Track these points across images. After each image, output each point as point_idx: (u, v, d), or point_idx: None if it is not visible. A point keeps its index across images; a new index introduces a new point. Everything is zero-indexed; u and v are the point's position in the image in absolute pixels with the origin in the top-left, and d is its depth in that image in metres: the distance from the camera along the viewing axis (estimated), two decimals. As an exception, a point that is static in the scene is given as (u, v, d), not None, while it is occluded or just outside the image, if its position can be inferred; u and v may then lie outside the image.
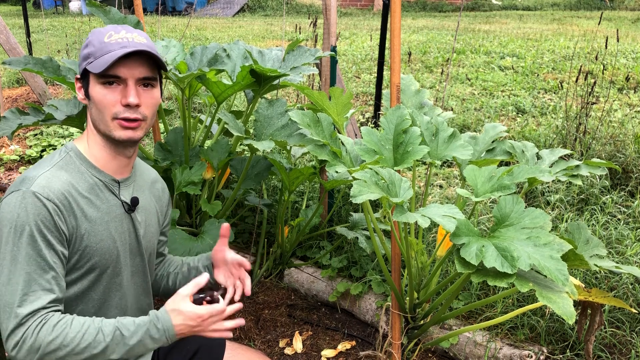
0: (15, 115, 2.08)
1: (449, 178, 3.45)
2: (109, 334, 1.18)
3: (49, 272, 1.18)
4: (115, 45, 1.24)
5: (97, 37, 1.27)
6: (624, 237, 2.53)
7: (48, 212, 1.18)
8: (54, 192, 1.20)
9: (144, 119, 1.30)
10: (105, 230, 1.29)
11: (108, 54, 1.23)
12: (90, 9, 2.07)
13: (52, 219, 1.19)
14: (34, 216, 1.17)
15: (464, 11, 14.77)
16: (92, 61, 1.25)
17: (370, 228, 1.93)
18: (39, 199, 1.18)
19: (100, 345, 1.17)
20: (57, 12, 15.49)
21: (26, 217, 1.16)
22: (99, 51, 1.25)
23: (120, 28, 1.30)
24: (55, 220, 1.19)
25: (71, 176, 1.26)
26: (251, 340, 2.29)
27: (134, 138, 1.29)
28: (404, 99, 2.16)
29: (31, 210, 1.17)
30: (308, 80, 4.19)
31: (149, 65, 1.28)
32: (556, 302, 1.36)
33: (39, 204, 1.18)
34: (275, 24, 11.78)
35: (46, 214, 1.18)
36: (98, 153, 1.32)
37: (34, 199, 1.17)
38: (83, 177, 1.28)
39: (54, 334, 1.15)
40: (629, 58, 6.71)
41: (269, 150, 1.97)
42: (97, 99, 1.26)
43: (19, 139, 4.71)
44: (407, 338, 2.00)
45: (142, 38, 1.29)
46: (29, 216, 1.16)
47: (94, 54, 1.25)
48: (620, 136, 3.46)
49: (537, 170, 1.68)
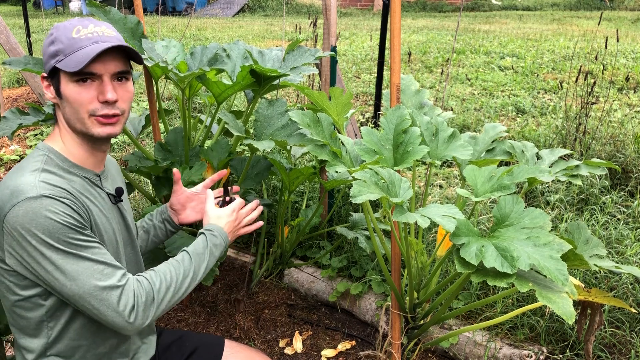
0: (15, 115, 2.08)
1: (449, 178, 3.45)
2: (189, 260, 1.32)
3: (101, 248, 1.20)
4: (86, 41, 1.21)
5: (64, 32, 1.22)
6: (624, 237, 2.53)
7: (68, 206, 1.16)
8: (61, 190, 1.18)
9: (122, 113, 1.28)
10: (106, 223, 1.30)
11: (80, 51, 1.20)
12: (90, 9, 2.08)
13: (75, 211, 1.17)
14: (56, 212, 1.13)
15: (463, 11, 14.77)
16: (62, 59, 1.20)
17: (370, 228, 1.94)
18: (51, 198, 1.14)
19: (190, 271, 1.30)
20: (57, 12, 15.49)
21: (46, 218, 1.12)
22: (69, 48, 1.20)
23: (87, 22, 1.25)
24: (77, 211, 1.18)
25: (60, 177, 1.22)
26: (251, 340, 2.29)
27: (113, 133, 1.28)
28: (404, 99, 2.16)
29: (50, 208, 1.13)
30: (308, 80, 4.19)
31: (122, 59, 1.26)
32: (556, 302, 1.36)
33: (57, 203, 1.14)
34: (275, 24, 11.78)
35: (67, 209, 1.15)
36: (76, 151, 1.28)
37: (49, 200, 1.14)
38: (71, 176, 1.25)
39: (154, 280, 1.23)
40: (628, 58, 6.71)
41: (269, 150, 1.97)
42: (72, 97, 1.22)
43: (19, 139, 4.71)
44: (407, 338, 2.00)
45: (111, 31, 1.26)
46: (51, 214, 1.13)
47: (64, 51, 1.20)
48: (620, 136, 3.47)
49: (536, 170, 1.68)
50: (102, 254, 1.19)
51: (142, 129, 2.49)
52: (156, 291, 1.22)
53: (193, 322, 2.37)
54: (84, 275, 1.14)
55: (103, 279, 1.16)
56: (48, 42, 1.23)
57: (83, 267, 1.15)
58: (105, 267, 1.17)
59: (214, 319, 2.40)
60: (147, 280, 1.23)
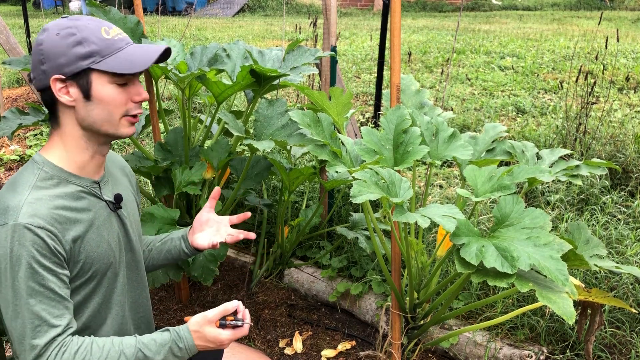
0: (15, 115, 2.08)
1: (449, 178, 3.45)
2: (132, 356, 1.17)
3: (56, 299, 1.14)
4: (120, 42, 1.21)
5: (92, 32, 1.18)
6: (624, 237, 2.53)
7: (42, 240, 1.12)
8: (44, 218, 1.14)
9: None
10: (98, 236, 1.26)
11: (125, 53, 1.20)
12: (90, 9, 2.07)
13: (48, 246, 1.13)
14: (29, 248, 1.11)
15: (464, 11, 14.77)
16: (100, 60, 1.18)
17: (370, 228, 1.93)
18: (30, 230, 1.11)
19: None
20: (57, 12, 15.49)
21: (20, 249, 1.10)
22: (106, 49, 1.19)
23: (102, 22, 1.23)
24: (50, 246, 1.14)
25: (53, 192, 1.19)
26: (251, 340, 2.29)
27: (134, 132, 1.31)
28: (404, 99, 2.16)
29: (25, 242, 1.11)
30: (308, 80, 4.19)
31: None
32: (556, 302, 1.36)
33: (31, 235, 1.11)
34: (275, 24, 11.78)
35: (41, 243, 1.12)
36: (77, 157, 1.25)
37: (25, 231, 1.11)
38: (65, 188, 1.21)
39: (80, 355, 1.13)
40: (629, 58, 6.71)
41: (269, 150, 1.97)
42: (109, 98, 1.21)
43: (19, 139, 4.71)
44: (407, 338, 2.00)
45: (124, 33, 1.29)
46: (23, 248, 1.10)
47: (100, 52, 1.18)
48: (620, 136, 3.46)
49: (537, 170, 1.67)
50: (51, 305, 1.14)
51: (142, 129, 2.48)
52: None
53: (193, 322, 2.37)
54: (21, 319, 1.11)
55: (33, 335, 1.12)
56: (72, 42, 1.17)
57: (25, 312, 1.11)
58: (42, 323, 1.12)
59: (214, 319, 2.40)
60: (71, 356, 1.13)
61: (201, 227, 1.53)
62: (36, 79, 1.21)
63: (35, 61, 1.20)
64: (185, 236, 1.54)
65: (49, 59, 1.17)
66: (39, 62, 1.19)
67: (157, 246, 1.57)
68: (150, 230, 2.04)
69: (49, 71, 1.18)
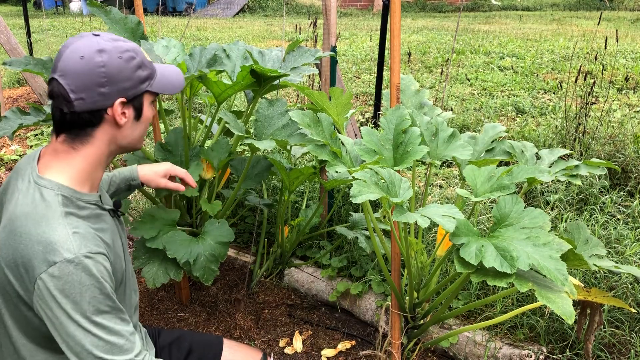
0: (16, 115, 2.08)
1: (449, 178, 3.46)
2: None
3: (125, 317, 1.17)
4: (154, 65, 1.31)
5: (143, 55, 1.25)
6: (623, 237, 2.53)
7: (103, 265, 1.13)
8: (93, 242, 1.14)
9: None
10: (116, 243, 1.28)
11: (164, 74, 1.30)
12: (91, 9, 2.08)
13: (107, 270, 1.14)
14: (97, 276, 1.11)
15: (463, 11, 14.77)
16: (152, 82, 1.26)
17: (370, 228, 1.94)
18: (92, 259, 1.11)
19: None
20: (57, 12, 15.49)
21: (92, 280, 1.10)
22: (152, 71, 1.27)
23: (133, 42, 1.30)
24: (109, 270, 1.15)
25: (82, 217, 1.18)
26: (251, 339, 2.29)
27: None
28: (403, 99, 2.16)
29: (92, 271, 1.10)
30: (308, 80, 4.20)
31: None
32: (555, 302, 1.37)
33: (94, 264, 1.11)
34: (275, 25, 11.78)
35: (104, 270, 1.13)
36: (94, 173, 1.24)
37: (90, 260, 1.10)
38: (84, 211, 1.20)
39: None
40: (628, 58, 6.71)
41: (270, 150, 1.97)
42: (149, 116, 1.29)
43: (20, 139, 4.71)
44: (406, 337, 2.01)
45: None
46: (91, 278, 1.10)
47: (151, 76, 1.26)
48: (619, 136, 3.47)
49: (536, 170, 1.68)
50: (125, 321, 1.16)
51: (143, 129, 2.49)
52: None
53: (193, 322, 2.38)
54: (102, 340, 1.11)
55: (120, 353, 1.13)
56: (135, 66, 1.20)
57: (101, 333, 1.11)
58: (125, 341, 1.15)
59: (214, 318, 2.41)
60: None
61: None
62: (85, 101, 1.16)
63: (91, 83, 1.15)
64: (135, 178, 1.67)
65: (114, 82, 1.16)
66: (97, 85, 1.15)
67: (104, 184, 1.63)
68: (151, 231, 2.05)
69: (111, 94, 1.17)
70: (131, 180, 1.66)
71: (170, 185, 1.68)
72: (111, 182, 1.63)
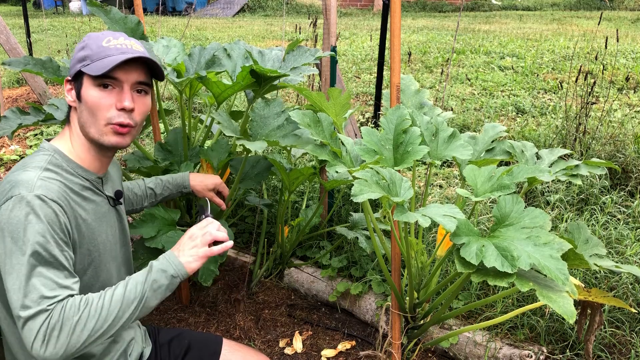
0: (15, 114, 2.08)
1: (449, 178, 3.45)
2: (123, 286, 1.18)
3: (63, 270, 1.16)
4: (114, 50, 1.27)
5: (95, 41, 1.29)
6: (624, 237, 2.53)
7: (55, 213, 1.16)
8: (55, 194, 1.19)
9: (135, 125, 1.32)
10: (99, 226, 1.31)
11: (107, 58, 1.25)
12: (90, 9, 2.08)
13: (59, 221, 1.17)
14: (42, 218, 1.13)
15: (463, 11, 14.77)
16: (88, 63, 1.26)
17: (370, 228, 1.94)
18: (44, 201, 1.15)
19: (123, 295, 1.17)
20: (57, 12, 15.49)
21: (36, 220, 1.13)
22: (97, 55, 1.26)
23: (118, 35, 1.32)
24: (61, 221, 1.18)
25: (62, 177, 1.25)
26: (251, 340, 2.29)
27: (122, 144, 1.31)
28: (404, 99, 2.16)
29: (39, 212, 1.14)
30: (308, 80, 4.19)
31: (144, 72, 1.33)
32: (556, 302, 1.36)
33: (45, 207, 1.15)
34: (275, 24, 11.78)
35: (53, 216, 1.16)
36: (83, 154, 1.32)
37: (38, 201, 1.15)
38: (72, 178, 1.28)
39: (81, 308, 1.12)
40: (628, 58, 6.71)
41: (268, 150, 1.97)
42: (92, 101, 1.26)
43: (19, 139, 4.71)
44: (407, 338, 2.00)
45: (140, 46, 1.33)
46: (38, 219, 1.13)
47: (91, 57, 1.26)
48: (620, 136, 3.47)
49: (536, 170, 1.68)
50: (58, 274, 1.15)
51: (142, 129, 2.49)
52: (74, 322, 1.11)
53: (193, 322, 2.38)
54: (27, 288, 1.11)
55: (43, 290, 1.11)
56: (79, 48, 1.30)
57: (35, 278, 1.11)
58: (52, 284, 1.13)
59: (214, 318, 2.40)
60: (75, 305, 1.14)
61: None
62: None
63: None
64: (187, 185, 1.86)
65: (72, 65, 1.31)
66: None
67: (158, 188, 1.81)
68: (150, 231, 2.05)
69: (69, 73, 1.32)
70: (182, 187, 1.84)
71: (216, 200, 1.90)
72: (164, 187, 1.82)
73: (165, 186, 1.83)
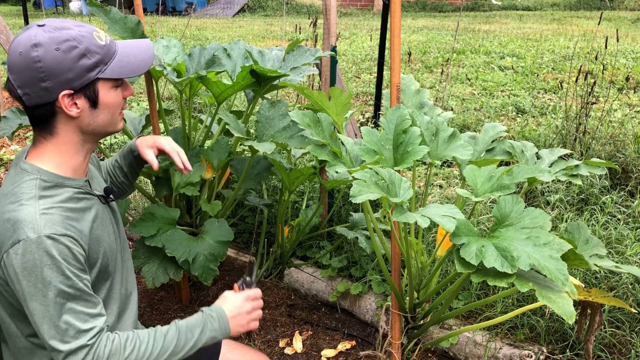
0: (15, 115, 2.08)
1: (449, 178, 3.45)
2: (175, 335, 1.25)
3: (90, 299, 1.17)
4: (113, 45, 1.24)
5: (90, 41, 1.18)
6: (624, 237, 2.53)
7: (67, 247, 1.13)
8: (61, 225, 1.15)
9: None
10: (102, 231, 1.29)
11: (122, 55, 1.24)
12: (90, 9, 2.07)
13: (72, 253, 1.14)
14: (57, 258, 1.11)
15: (463, 11, 14.77)
16: (104, 68, 1.20)
17: (370, 228, 1.94)
18: (55, 240, 1.12)
19: (171, 346, 1.23)
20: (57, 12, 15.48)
21: (51, 261, 1.11)
22: (106, 56, 1.20)
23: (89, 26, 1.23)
24: (75, 252, 1.15)
25: (57, 200, 1.19)
26: (251, 340, 2.29)
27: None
28: (404, 99, 2.16)
29: (54, 252, 1.11)
30: (308, 80, 4.19)
31: None
32: (556, 302, 1.36)
33: (57, 245, 1.12)
34: (275, 24, 11.78)
35: (67, 251, 1.13)
36: (72, 161, 1.25)
37: (50, 241, 1.11)
38: (64, 194, 1.21)
39: (128, 348, 1.17)
40: (628, 58, 6.71)
41: (270, 151, 1.97)
42: (113, 102, 1.25)
43: (19, 139, 4.71)
44: (407, 338, 2.00)
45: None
46: (54, 260, 1.11)
47: (103, 61, 1.19)
48: (620, 136, 3.47)
49: (536, 170, 1.68)
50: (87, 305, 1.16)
51: (142, 129, 2.49)
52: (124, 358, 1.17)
53: (193, 322, 2.37)
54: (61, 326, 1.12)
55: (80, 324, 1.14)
56: (77, 56, 1.15)
57: (66, 314, 1.12)
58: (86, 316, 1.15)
59: (214, 318, 2.40)
60: (122, 343, 1.18)
61: None
62: (31, 96, 1.15)
63: (31, 78, 1.13)
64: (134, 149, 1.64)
65: (54, 75, 1.14)
66: (38, 80, 1.13)
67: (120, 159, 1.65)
68: (150, 230, 2.05)
69: (54, 87, 1.15)
70: (132, 150, 1.64)
71: (148, 157, 1.57)
72: (122, 156, 1.65)
73: (123, 155, 1.66)
